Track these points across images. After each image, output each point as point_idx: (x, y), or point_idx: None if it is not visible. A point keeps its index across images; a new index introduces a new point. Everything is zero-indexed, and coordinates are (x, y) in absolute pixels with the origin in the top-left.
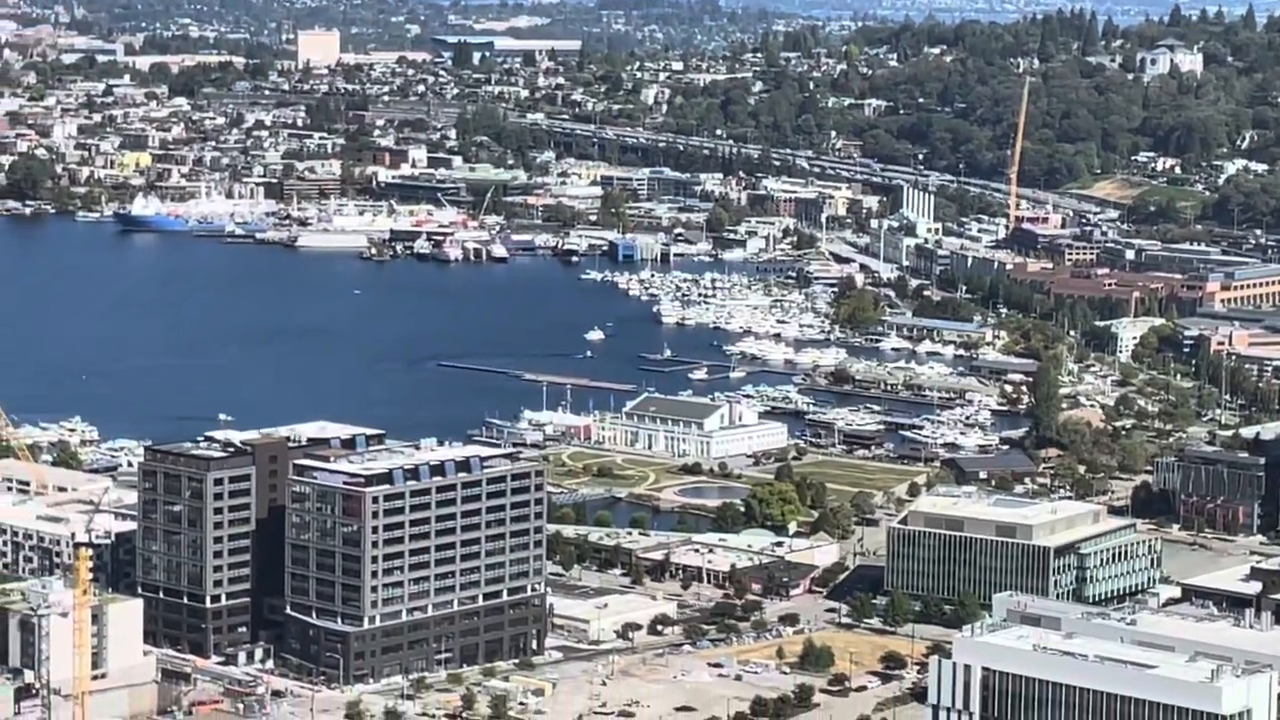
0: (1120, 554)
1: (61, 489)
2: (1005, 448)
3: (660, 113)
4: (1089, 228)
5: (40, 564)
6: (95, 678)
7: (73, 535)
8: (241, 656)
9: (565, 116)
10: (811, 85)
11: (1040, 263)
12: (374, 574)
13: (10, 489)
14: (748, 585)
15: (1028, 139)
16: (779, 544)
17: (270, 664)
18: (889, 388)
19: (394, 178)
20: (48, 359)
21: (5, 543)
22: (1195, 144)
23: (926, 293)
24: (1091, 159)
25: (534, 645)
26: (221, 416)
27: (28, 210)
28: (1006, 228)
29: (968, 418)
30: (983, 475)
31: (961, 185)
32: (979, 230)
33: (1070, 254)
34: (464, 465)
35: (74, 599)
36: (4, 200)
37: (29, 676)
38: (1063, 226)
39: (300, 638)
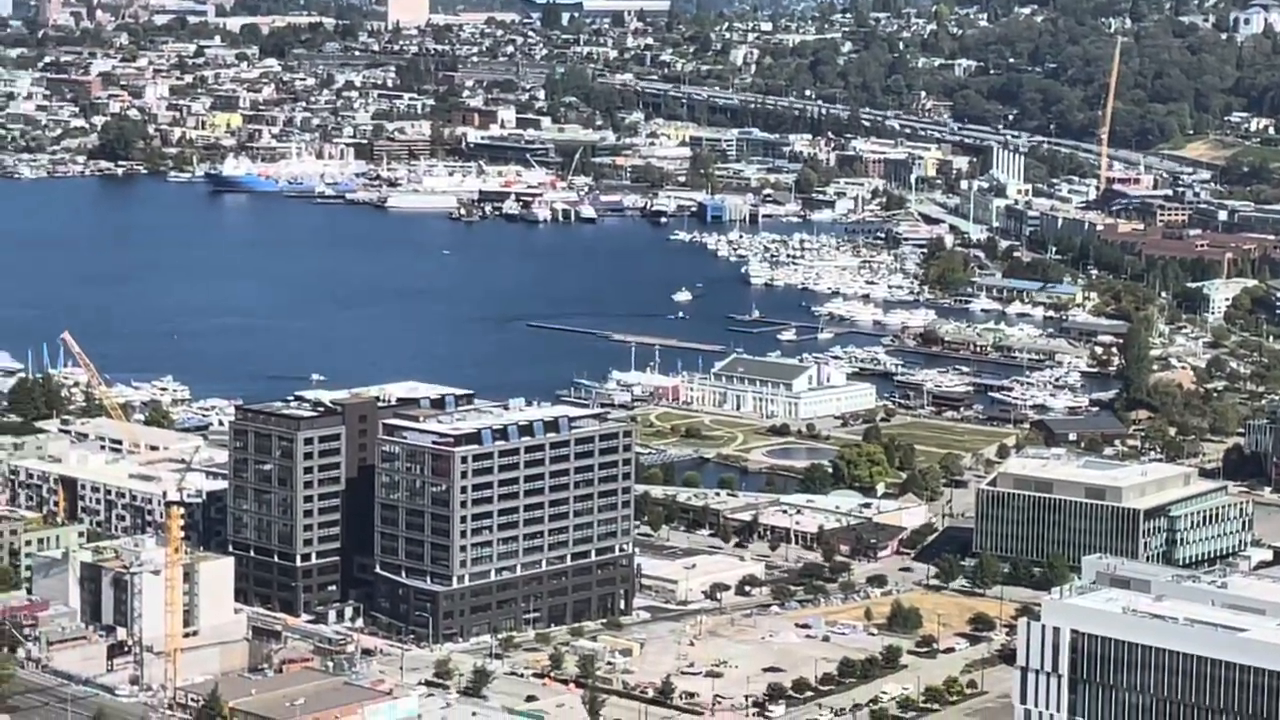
0: (1211, 516)
1: (153, 448)
2: (1095, 410)
3: (749, 73)
4: (1181, 188)
5: (133, 522)
6: (187, 635)
7: (164, 494)
8: (331, 615)
9: (654, 77)
10: (901, 45)
11: (1131, 224)
12: (463, 534)
13: (103, 448)
14: (836, 546)
15: (1119, 99)
16: (867, 505)
17: (360, 622)
18: (978, 349)
19: (483, 138)
20: (140, 318)
21: (98, 501)
22: None
23: (1016, 254)
24: (1184, 119)
25: (622, 605)
26: (314, 376)
27: (120, 171)
28: (1097, 189)
29: (1057, 379)
30: (1072, 437)
31: (1052, 146)
32: (1069, 191)
33: (1162, 215)
34: (552, 425)
35: (166, 557)
36: (96, 161)
37: (122, 634)
38: (1154, 187)
39: (389, 596)
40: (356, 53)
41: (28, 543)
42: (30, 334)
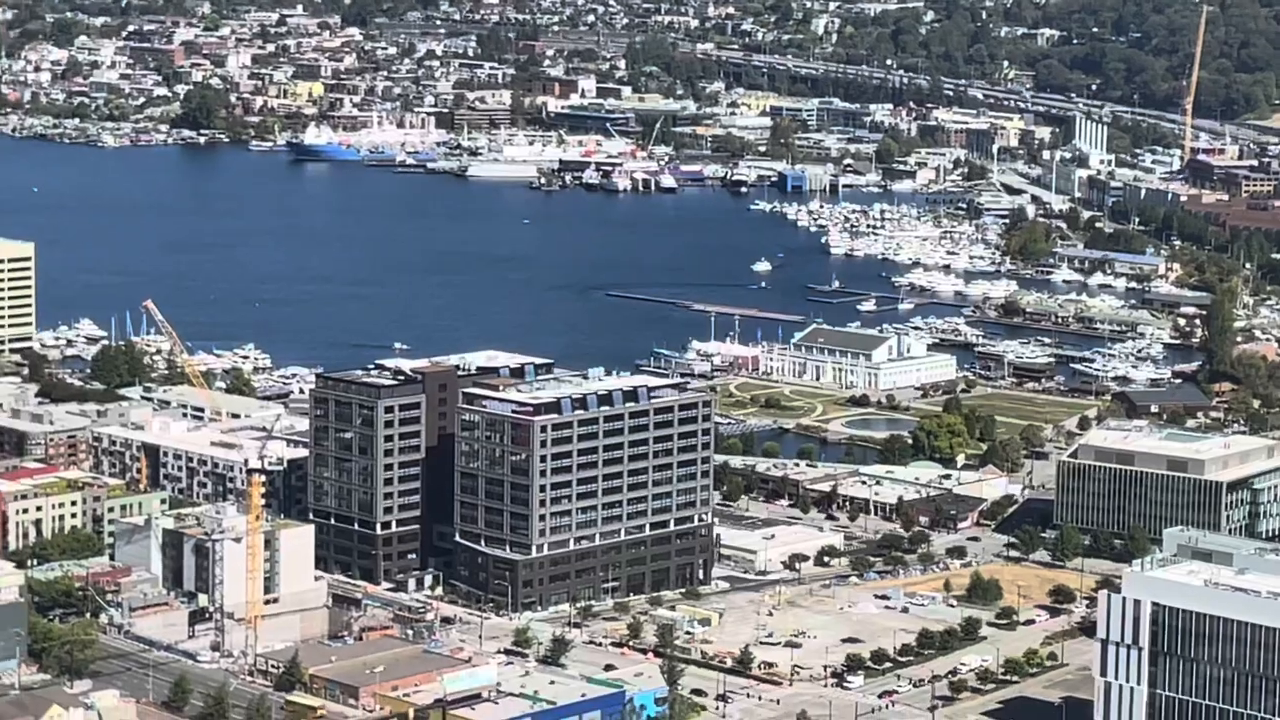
0: None
1: (235, 415)
2: (1178, 381)
3: (830, 42)
4: (1266, 159)
5: (214, 489)
6: (267, 602)
7: (245, 461)
8: (411, 583)
9: (735, 46)
10: (984, 14)
11: (1215, 194)
12: (542, 503)
13: (185, 415)
14: (915, 517)
15: (1204, 69)
16: (947, 476)
17: (439, 591)
18: (1060, 320)
19: (563, 108)
20: (221, 287)
21: (180, 468)
22: None
23: (1099, 224)
24: (1270, 89)
25: (701, 575)
26: (397, 345)
27: (202, 139)
28: (1181, 159)
29: (1139, 351)
30: (1154, 409)
31: (1135, 116)
32: (1153, 161)
33: (1247, 185)
34: (632, 395)
35: (247, 524)
36: (179, 129)
37: (203, 600)
38: (1239, 158)
39: (469, 565)
40: (438, 21)
41: (110, 509)
42: (113, 302)
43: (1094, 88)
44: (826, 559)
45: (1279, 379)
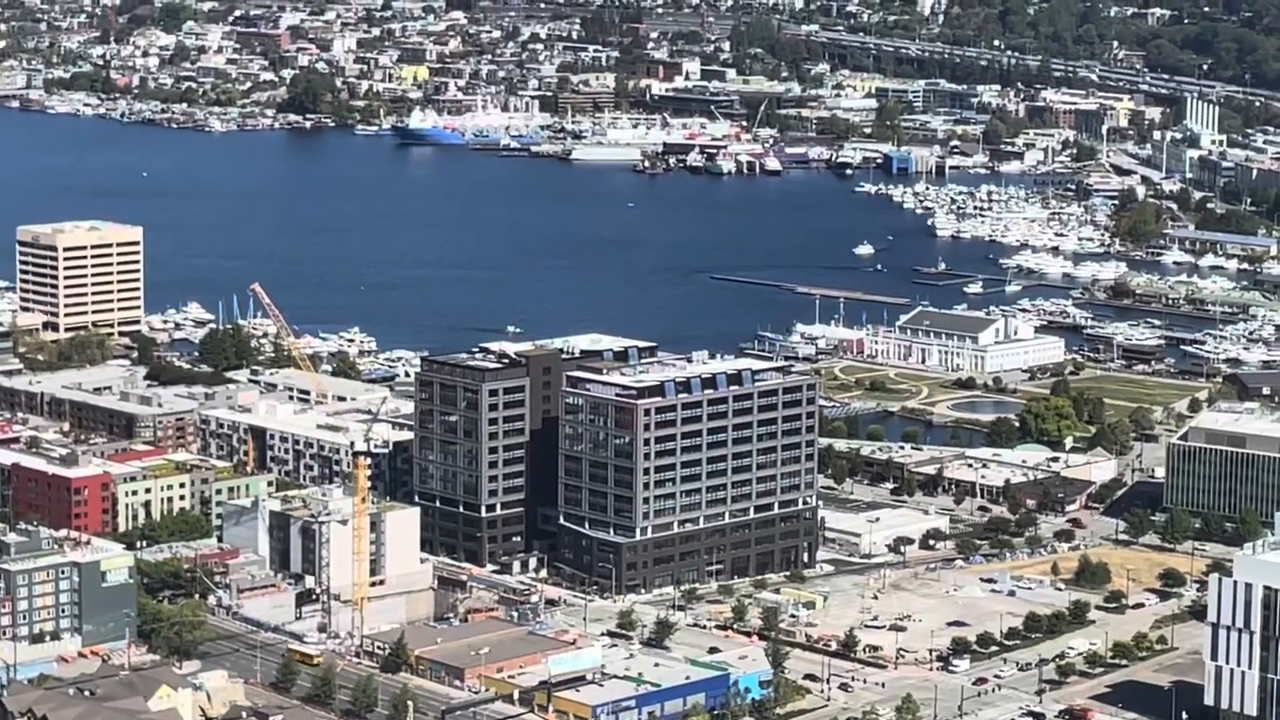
0: None
1: (340, 398)
2: None
3: (937, 23)
4: None
5: (320, 472)
6: (373, 584)
7: (351, 444)
8: (516, 565)
9: (840, 28)
10: None
11: None
12: (646, 485)
13: (291, 398)
14: (1022, 500)
15: None
16: (1055, 459)
17: (544, 573)
18: (1170, 302)
19: (667, 90)
20: (327, 270)
21: (287, 451)
22: None
23: (1210, 205)
24: None
25: (805, 558)
26: (510, 328)
27: (308, 124)
28: None
29: (1251, 333)
30: (1266, 391)
31: (1247, 95)
32: (1265, 141)
33: None
34: (735, 378)
35: (353, 506)
36: (285, 114)
37: (310, 582)
38: None
39: (573, 547)
40: (542, 5)
41: (218, 491)
42: (221, 285)
43: (1205, 67)
44: (932, 542)
45: None
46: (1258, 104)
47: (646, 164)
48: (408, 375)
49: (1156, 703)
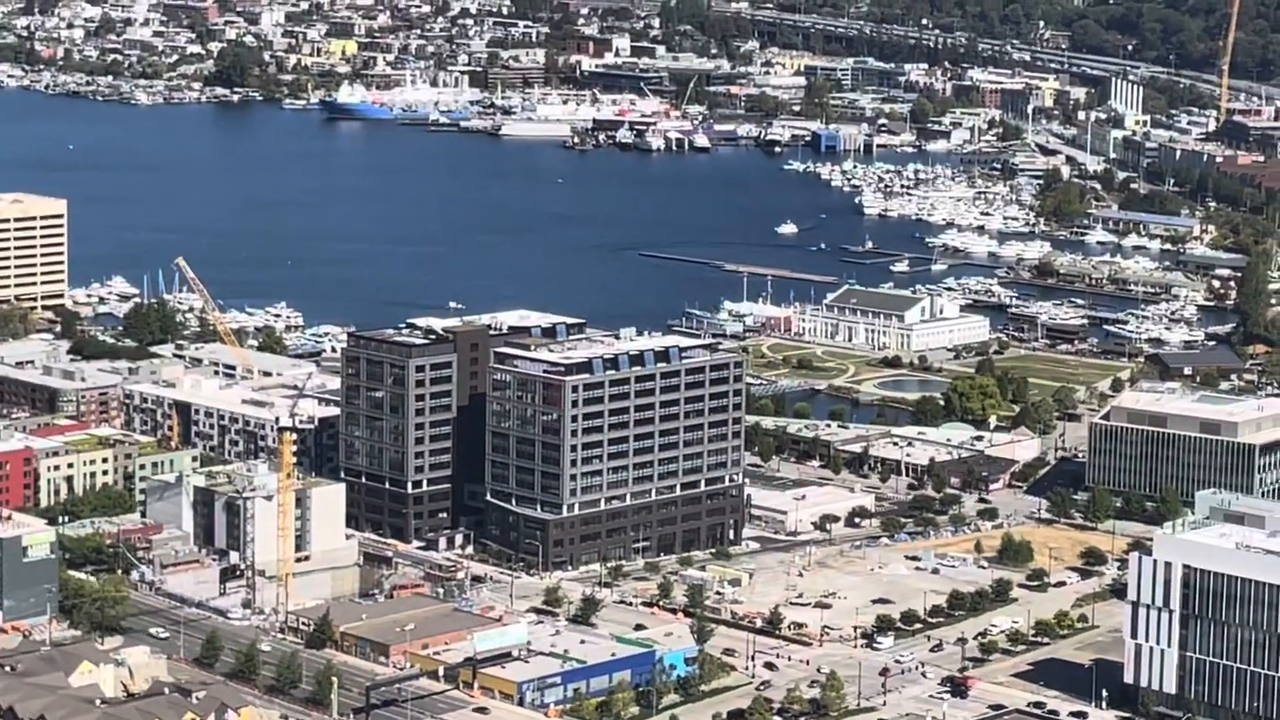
0: None
1: (266, 374)
2: (1211, 344)
3: (865, 2)
4: None
5: (245, 447)
6: (298, 560)
7: (277, 419)
8: (442, 542)
9: (769, 5)
10: None
11: (1251, 156)
12: (573, 462)
13: (217, 373)
14: (946, 479)
15: (1241, 29)
16: (979, 438)
17: (470, 550)
18: (1093, 282)
19: (597, 66)
20: (255, 245)
21: (212, 426)
22: None
23: (1134, 185)
24: None
25: (731, 535)
26: (452, 304)
27: (235, 97)
28: (1217, 120)
29: (1173, 313)
30: (1187, 371)
31: (1171, 76)
32: (1188, 122)
33: None
34: (663, 355)
35: (278, 482)
36: (212, 87)
37: (234, 558)
38: (1275, 119)
39: (500, 524)
40: None
41: (142, 466)
42: (146, 259)
43: (1130, 48)
44: (857, 520)
45: None
46: (1182, 85)
47: (576, 140)
48: (334, 351)
49: (1077, 680)
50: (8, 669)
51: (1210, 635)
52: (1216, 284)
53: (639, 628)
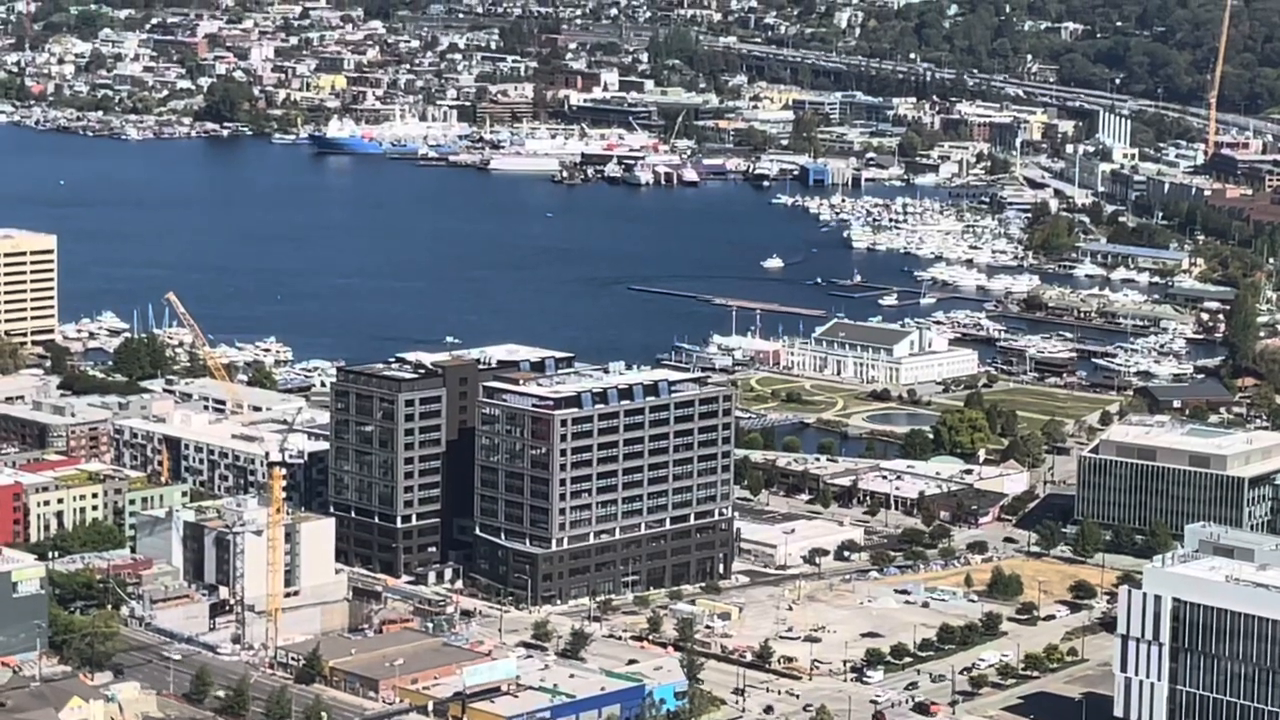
0: None
1: (256, 408)
2: (1200, 376)
3: (853, 36)
4: None
5: (235, 482)
6: (288, 595)
7: (267, 454)
8: (431, 576)
9: (758, 40)
10: (1007, 8)
11: (1240, 189)
12: (562, 496)
13: (207, 408)
14: (936, 512)
15: (1228, 63)
16: (968, 471)
17: (459, 584)
18: (1082, 315)
19: (586, 101)
20: (244, 280)
21: (202, 461)
22: None
23: (1122, 219)
24: None
25: (721, 569)
26: (449, 339)
27: (225, 132)
28: (1205, 153)
29: (1162, 346)
30: (1177, 404)
31: (1159, 110)
32: (1176, 155)
33: (1271, 180)
34: (652, 389)
35: (268, 517)
36: (202, 122)
37: (224, 593)
38: (1263, 152)
39: (489, 558)
40: (460, 15)
41: (131, 501)
42: (136, 294)
43: (1118, 82)
44: (847, 553)
45: None
46: (1169, 118)
47: (564, 174)
48: (324, 385)
49: (1067, 714)
50: None
51: (1200, 669)
52: (1205, 317)
53: (631, 662)
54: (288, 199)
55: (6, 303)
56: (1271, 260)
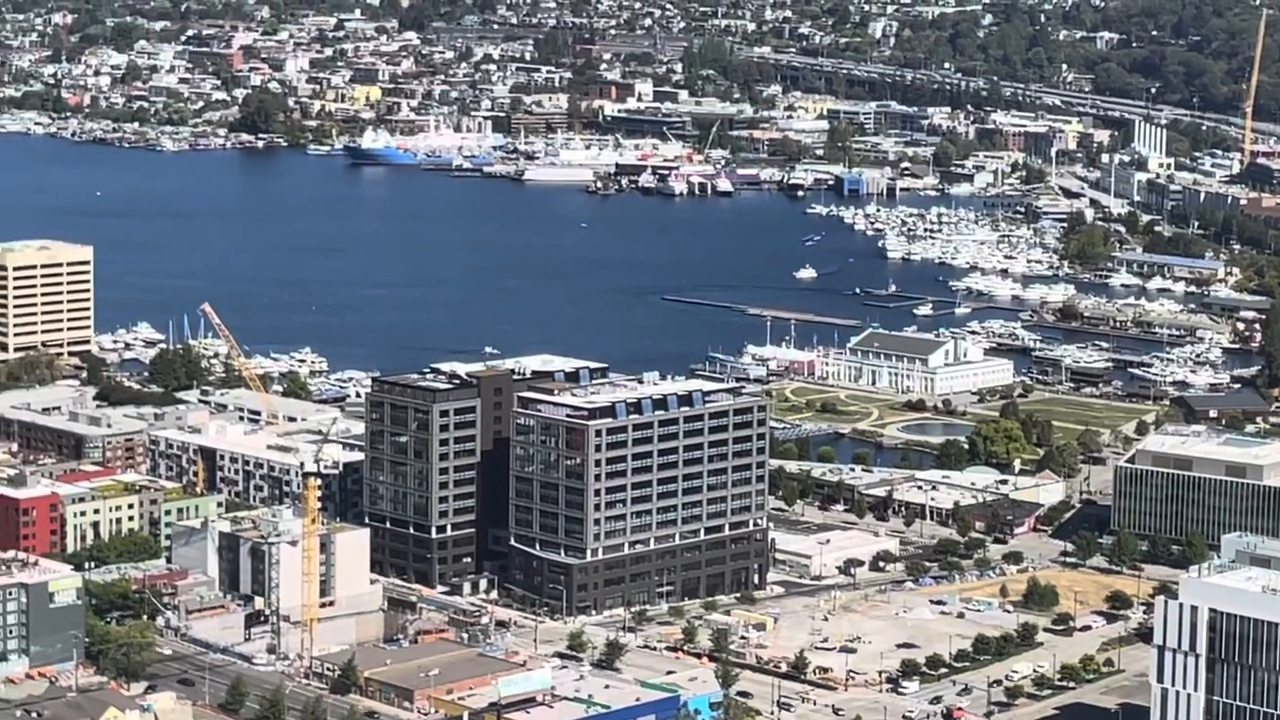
0: None
1: (291, 419)
2: (1236, 386)
3: (888, 46)
4: None
5: (270, 493)
6: (323, 605)
7: (302, 465)
8: (466, 587)
9: (792, 50)
10: (1042, 17)
11: (1275, 198)
12: (596, 507)
13: (242, 418)
14: (971, 523)
15: (1264, 72)
16: (1003, 482)
17: (494, 594)
18: (1118, 324)
19: (620, 111)
20: (279, 290)
21: (236, 471)
22: None
23: (1158, 228)
24: None
25: (756, 580)
26: (487, 349)
27: (260, 143)
28: (1241, 162)
29: (1198, 355)
30: (1213, 414)
31: (1195, 119)
32: (1212, 165)
33: None
34: (686, 399)
35: (303, 527)
36: (237, 134)
37: (259, 603)
38: None
39: (524, 569)
40: (495, 25)
41: (167, 512)
42: (171, 305)
43: (1153, 91)
44: (882, 564)
45: None
46: (1205, 127)
47: (599, 185)
48: (359, 396)
49: None
50: (35, 715)
51: (1237, 679)
52: (1241, 326)
53: (669, 674)
54: (322, 210)
55: (43, 314)
56: None
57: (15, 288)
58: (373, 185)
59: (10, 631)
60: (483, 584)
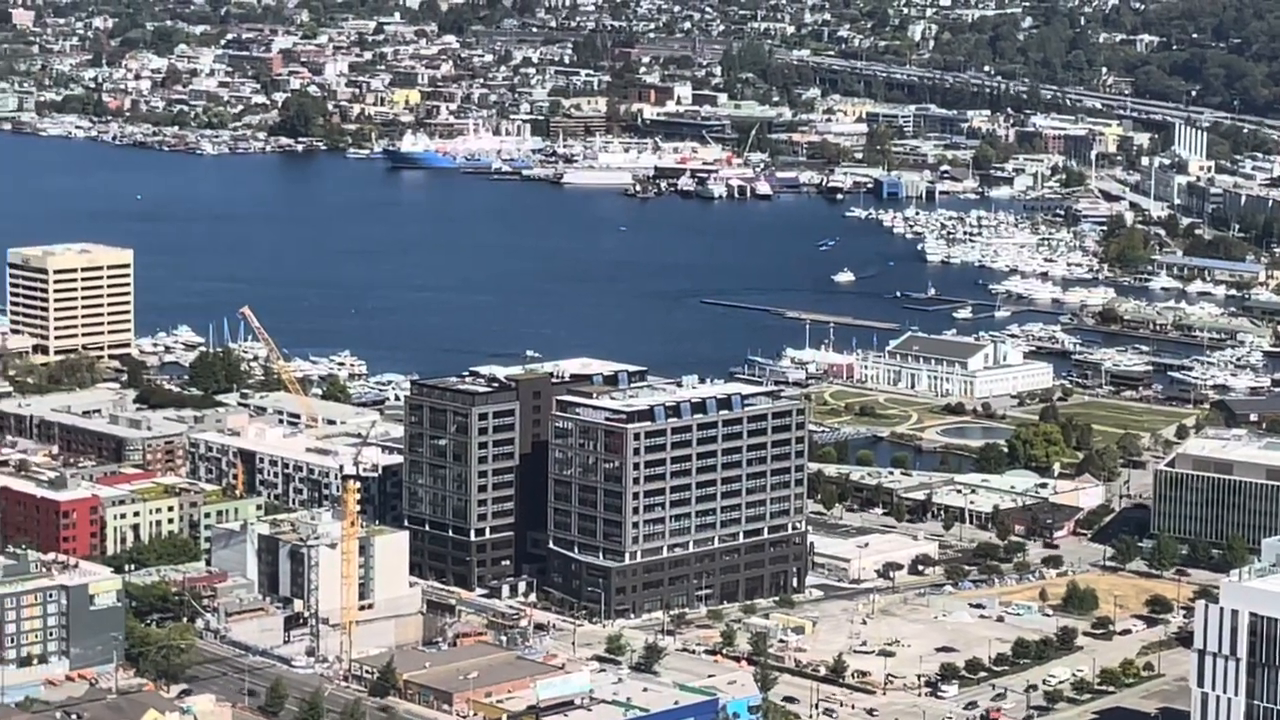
0: None
1: (330, 422)
2: (1277, 390)
3: (927, 48)
4: None
5: (309, 496)
6: (362, 608)
7: (341, 468)
8: (505, 589)
9: (831, 53)
10: (1082, 20)
11: None
12: (635, 510)
13: (281, 421)
14: (1011, 526)
15: None
16: (1043, 485)
17: (533, 597)
18: (1158, 328)
19: (659, 114)
20: (318, 294)
21: (276, 474)
22: None
23: (1198, 231)
24: None
25: (795, 583)
26: (529, 353)
27: (299, 147)
28: None
29: (1239, 359)
30: (1254, 418)
31: (1235, 122)
32: (1253, 168)
33: None
34: (725, 403)
35: (342, 530)
36: (277, 137)
37: (298, 605)
38: None
39: (563, 572)
40: (534, 29)
41: (207, 515)
42: (211, 308)
43: (1193, 94)
44: (921, 568)
45: None
46: (1246, 130)
47: (637, 188)
48: (398, 399)
49: None
50: (75, 717)
51: (1278, 684)
52: None
53: (708, 677)
54: (361, 213)
55: (84, 317)
56: None
57: (56, 291)
58: (412, 189)
59: (51, 634)
60: (521, 587)
